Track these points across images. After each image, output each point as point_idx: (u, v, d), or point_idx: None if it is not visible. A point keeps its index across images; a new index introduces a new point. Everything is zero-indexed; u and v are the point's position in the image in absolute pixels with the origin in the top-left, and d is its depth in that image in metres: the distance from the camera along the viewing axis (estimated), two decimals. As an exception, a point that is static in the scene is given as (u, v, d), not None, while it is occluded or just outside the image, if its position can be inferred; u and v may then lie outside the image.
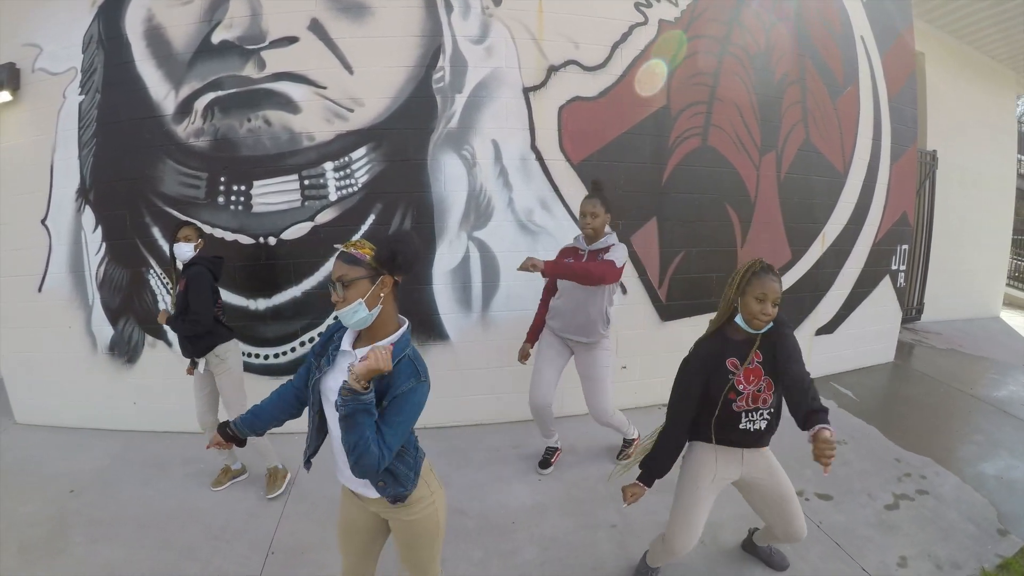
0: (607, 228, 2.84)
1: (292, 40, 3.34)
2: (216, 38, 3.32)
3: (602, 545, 2.57)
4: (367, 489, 1.55)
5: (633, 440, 3.28)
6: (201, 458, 3.26)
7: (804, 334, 4.47)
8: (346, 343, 1.51)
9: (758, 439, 1.97)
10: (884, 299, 4.90)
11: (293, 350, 3.66)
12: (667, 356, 3.95)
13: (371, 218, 3.52)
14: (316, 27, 3.34)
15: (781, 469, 2.06)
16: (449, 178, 3.53)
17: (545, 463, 3.23)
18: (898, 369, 5.01)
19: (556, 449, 3.30)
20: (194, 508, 2.85)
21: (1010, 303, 8.53)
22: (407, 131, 3.46)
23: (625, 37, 3.63)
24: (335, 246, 1.50)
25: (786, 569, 2.39)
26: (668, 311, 3.98)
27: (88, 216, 3.52)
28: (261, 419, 1.69)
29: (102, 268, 3.56)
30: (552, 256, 2.97)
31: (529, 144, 3.59)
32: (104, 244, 3.53)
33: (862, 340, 4.83)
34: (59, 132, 3.48)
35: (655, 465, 1.99)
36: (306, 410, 1.65)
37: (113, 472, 3.21)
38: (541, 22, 3.50)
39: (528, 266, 2.58)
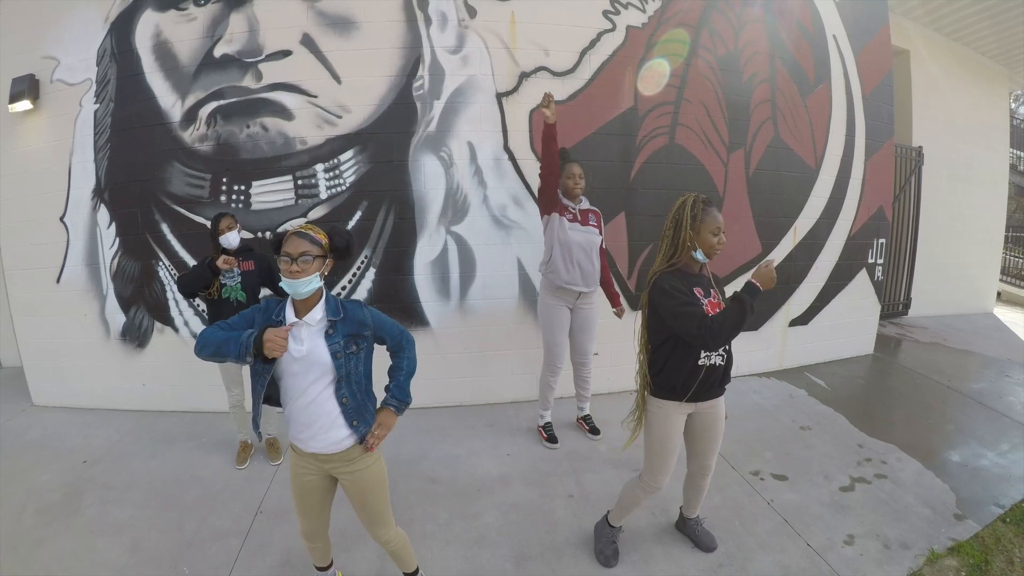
0: None
1: (286, 53, 3.66)
2: (218, 52, 3.66)
3: (558, 512, 2.76)
4: (332, 446, 1.78)
5: None
6: (204, 434, 3.61)
7: (777, 325, 4.63)
8: (291, 316, 1.71)
9: (718, 382, 2.10)
10: (861, 292, 5.01)
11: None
12: (636, 343, 4.19)
13: (358, 214, 3.80)
14: (308, 41, 3.65)
15: (723, 419, 2.23)
16: (429, 177, 3.81)
17: (554, 438, 3.46)
18: (877, 361, 5.08)
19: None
20: (196, 476, 3.14)
21: (1010, 300, 8.48)
22: (390, 135, 3.74)
23: (593, 44, 3.87)
24: (292, 225, 1.76)
25: (714, 550, 2.46)
26: (637, 300, 4.14)
27: (103, 214, 3.88)
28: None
29: (115, 261, 3.91)
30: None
31: (502, 145, 3.85)
32: (117, 239, 3.88)
33: (838, 332, 4.94)
34: (76, 138, 3.85)
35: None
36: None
37: (124, 446, 3.53)
38: (513, 32, 3.76)
39: None
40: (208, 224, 3.15)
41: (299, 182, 3.77)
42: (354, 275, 3.86)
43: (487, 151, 3.84)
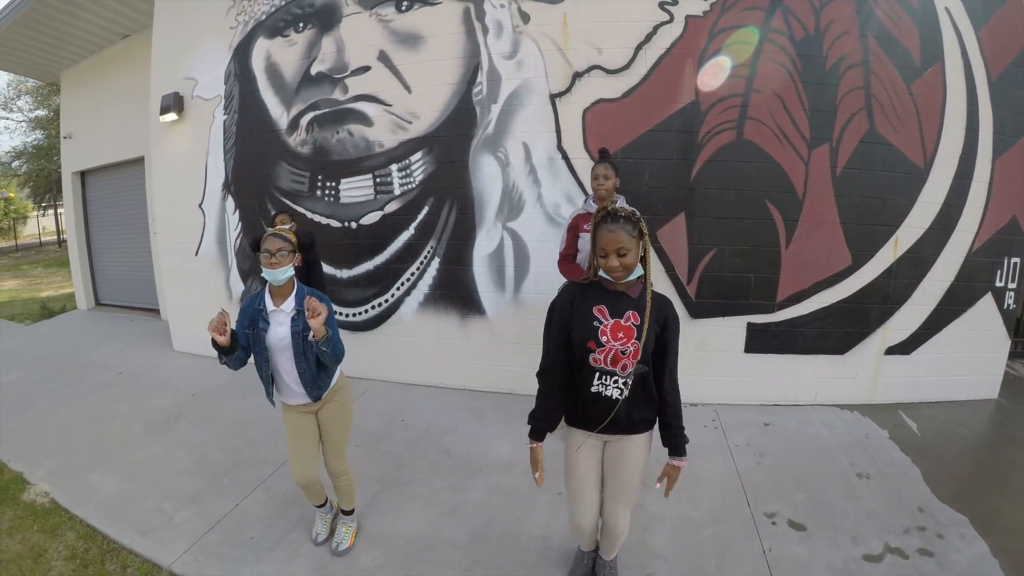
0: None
1: (366, 69, 4.23)
2: (313, 70, 4.37)
3: (538, 505, 2.78)
4: (304, 398, 2.27)
5: None
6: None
7: (868, 351, 3.97)
8: (271, 305, 2.18)
9: (619, 418, 1.80)
10: (984, 322, 4.06)
11: (365, 311, 4.53)
12: (697, 355, 3.93)
13: (425, 209, 4.22)
14: (383, 57, 4.18)
15: (637, 463, 1.90)
16: (487, 176, 4.08)
17: None
18: (999, 408, 4.02)
19: None
20: (267, 417, 3.75)
21: None
22: (453, 137, 4.10)
23: (649, 37, 3.77)
24: (268, 228, 2.20)
25: None
26: (698, 309, 3.93)
27: (230, 202, 4.87)
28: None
29: (238, 240, 4.87)
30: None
31: (556, 145, 3.96)
32: (240, 223, 4.83)
33: (950, 367, 4.06)
34: (211, 142, 4.88)
35: (536, 412, 1.90)
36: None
37: (226, 388, 4.39)
38: (566, 33, 3.86)
39: None
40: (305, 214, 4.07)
41: (377, 180, 4.31)
42: (421, 263, 4.29)
43: (541, 151, 3.98)
